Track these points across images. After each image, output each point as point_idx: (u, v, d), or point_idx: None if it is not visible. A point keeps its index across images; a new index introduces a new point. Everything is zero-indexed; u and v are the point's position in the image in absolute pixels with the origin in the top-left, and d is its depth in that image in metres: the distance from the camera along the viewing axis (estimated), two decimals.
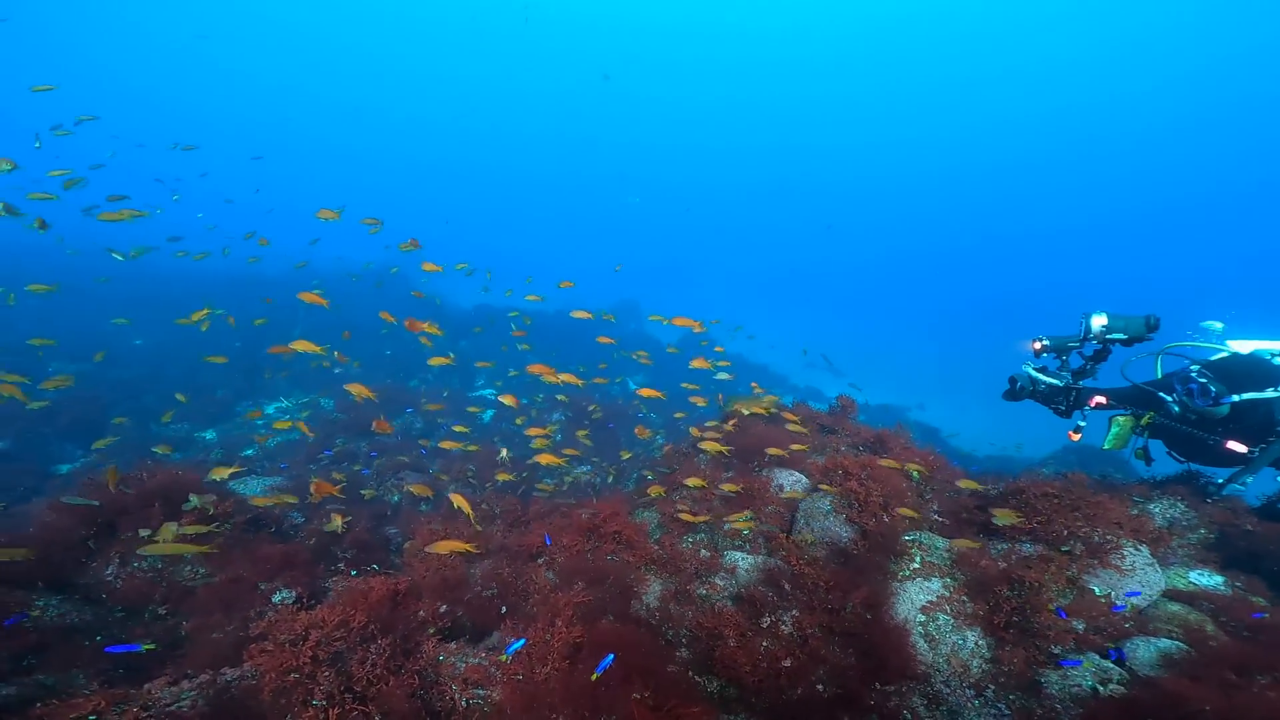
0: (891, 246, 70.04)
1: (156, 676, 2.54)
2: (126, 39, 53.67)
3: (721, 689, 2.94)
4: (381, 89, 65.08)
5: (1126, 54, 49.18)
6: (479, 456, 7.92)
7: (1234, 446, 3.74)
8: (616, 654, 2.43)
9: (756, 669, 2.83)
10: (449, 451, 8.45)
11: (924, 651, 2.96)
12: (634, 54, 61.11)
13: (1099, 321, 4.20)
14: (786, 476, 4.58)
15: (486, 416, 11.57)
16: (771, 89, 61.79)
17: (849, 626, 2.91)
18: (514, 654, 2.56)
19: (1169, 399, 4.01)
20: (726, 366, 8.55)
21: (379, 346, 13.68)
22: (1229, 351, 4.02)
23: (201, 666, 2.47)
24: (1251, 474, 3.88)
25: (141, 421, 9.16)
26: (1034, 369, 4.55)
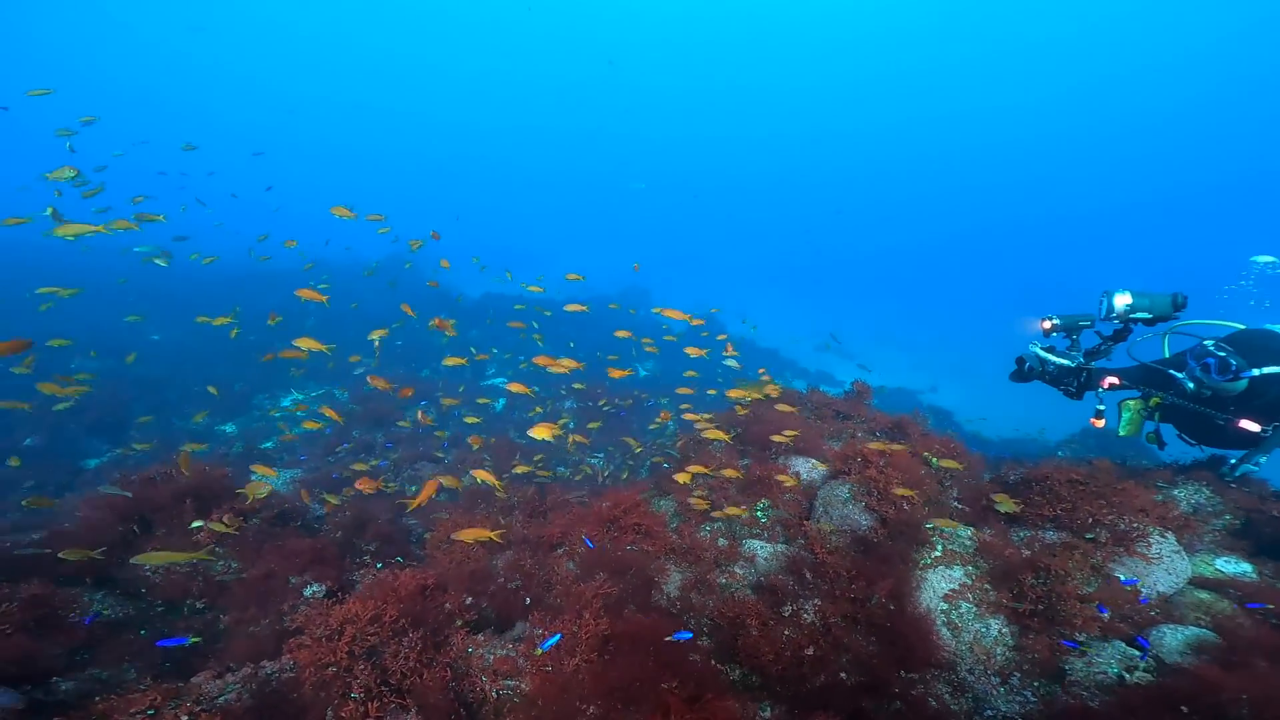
0: (900, 229, 69.04)
1: (198, 669, 2.62)
2: (119, 37, 53.29)
3: (744, 677, 2.98)
4: (384, 84, 64.68)
5: (1141, 32, 47.45)
6: (494, 447, 8.00)
7: (1246, 425, 3.61)
8: (645, 645, 2.46)
9: (780, 657, 2.86)
10: (464, 442, 8.55)
11: (947, 639, 2.98)
12: (638, 41, 60.17)
13: (1122, 300, 3.99)
14: (803, 464, 4.58)
15: (499, 406, 11.65)
16: (781, 74, 60.66)
17: (874, 616, 2.93)
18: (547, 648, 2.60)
19: (1181, 376, 3.88)
20: (735, 356, 8.53)
21: (390, 338, 13.79)
22: (1241, 325, 3.90)
23: (241, 659, 2.55)
24: (1264, 454, 3.79)
25: (164, 417, 9.35)
26: (1042, 349, 4.37)
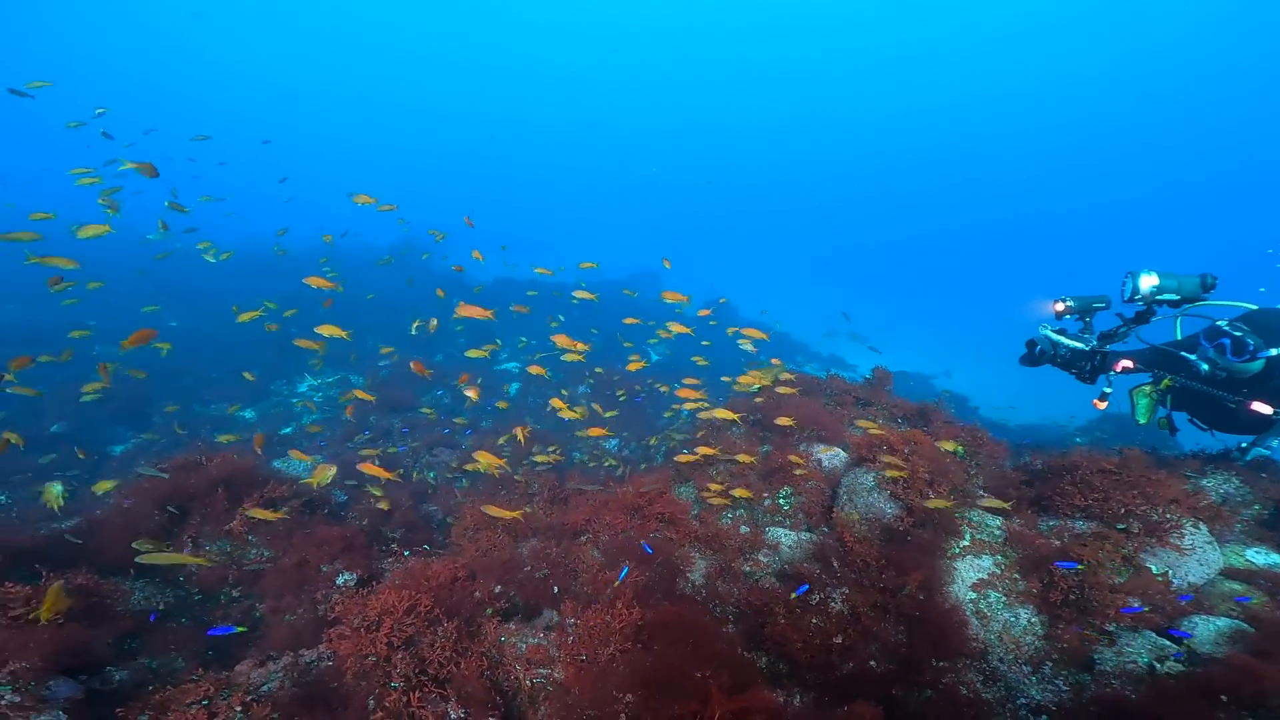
0: (912, 213, 67.73)
1: (238, 656, 2.69)
2: (120, 25, 52.71)
3: (770, 664, 3.01)
4: (391, 76, 63.79)
5: (1170, 15, 45.25)
6: (530, 437, 8.02)
7: (1258, 408, 3.52)
8: (678, 634, 2.49)
9: (808, 645, 2.87)
10: (480, 427, 8.62)
11: (975, 629, 2.98)
12: (647, 29, 58.79)
13: (1149, 281, 3.84)
14: (825, 452, 4.56)
15: (513, 390, 11.70)
16: (792, 60, 59.03)
17: (904, 606, 2.93)
18: (575, 635, 2.63)
19: (1193, 358, 3.78)
20: (752, 340, 8.48)
21: (404, 323, 13.85)
22: (1253, 305, 3.79)
23: (281, 648, 2.61)
24: (1277, 437, 3.71)
25: (185, 403, 9.49)
26: (1053, 331, 4.26)
